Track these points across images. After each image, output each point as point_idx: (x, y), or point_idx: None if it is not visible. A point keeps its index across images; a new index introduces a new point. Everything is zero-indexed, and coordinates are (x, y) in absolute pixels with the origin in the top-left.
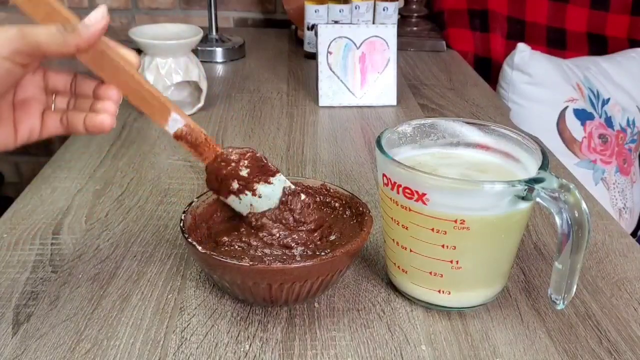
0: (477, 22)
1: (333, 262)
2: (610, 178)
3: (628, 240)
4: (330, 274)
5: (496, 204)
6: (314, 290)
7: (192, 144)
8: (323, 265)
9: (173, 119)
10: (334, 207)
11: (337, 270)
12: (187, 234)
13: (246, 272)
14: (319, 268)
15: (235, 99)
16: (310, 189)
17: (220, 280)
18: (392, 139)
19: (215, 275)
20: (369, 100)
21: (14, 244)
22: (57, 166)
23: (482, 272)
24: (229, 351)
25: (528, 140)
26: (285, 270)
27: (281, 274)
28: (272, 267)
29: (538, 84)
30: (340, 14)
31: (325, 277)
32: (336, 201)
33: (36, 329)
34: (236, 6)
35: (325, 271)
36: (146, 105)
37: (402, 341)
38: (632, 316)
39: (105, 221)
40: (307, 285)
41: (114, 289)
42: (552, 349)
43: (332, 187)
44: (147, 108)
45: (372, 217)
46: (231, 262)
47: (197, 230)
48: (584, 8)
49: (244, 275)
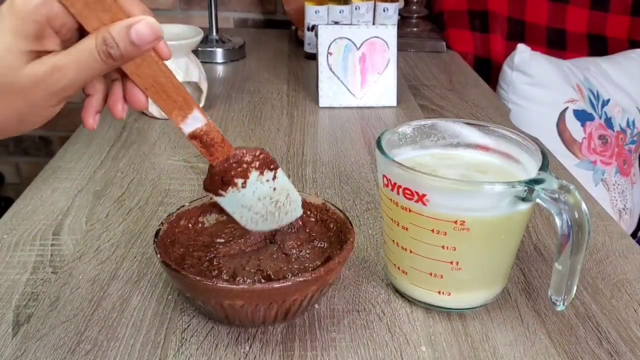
0: (477, 23)
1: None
2: (610, 179)
3: (628, 241)
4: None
5: (496, 205)
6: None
7: (206, 144)
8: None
9: (194, 116)
10: (329, 228)
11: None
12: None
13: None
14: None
15: (235, 99)
16: (312, 206)
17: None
18: (392, 140)
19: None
20: (369, 101)
21: (14, 245)
22: (58, 167)
23: (482, 273)
24: (229, 352)
25: (528, 141)
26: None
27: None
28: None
29: (538, 85)
30: (340, 15)
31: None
32: (332, 222)
33: (36, 330)
34: (236, 7)
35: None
36: (168, 99)
37: (402, 342)
38: (632, 317)
39: (105, 222)
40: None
41: (114, 290)
42: (552, 350)
43: (332, 207)
44: (168, 103)
45: (350, 248)
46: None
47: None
48: (584, 9)
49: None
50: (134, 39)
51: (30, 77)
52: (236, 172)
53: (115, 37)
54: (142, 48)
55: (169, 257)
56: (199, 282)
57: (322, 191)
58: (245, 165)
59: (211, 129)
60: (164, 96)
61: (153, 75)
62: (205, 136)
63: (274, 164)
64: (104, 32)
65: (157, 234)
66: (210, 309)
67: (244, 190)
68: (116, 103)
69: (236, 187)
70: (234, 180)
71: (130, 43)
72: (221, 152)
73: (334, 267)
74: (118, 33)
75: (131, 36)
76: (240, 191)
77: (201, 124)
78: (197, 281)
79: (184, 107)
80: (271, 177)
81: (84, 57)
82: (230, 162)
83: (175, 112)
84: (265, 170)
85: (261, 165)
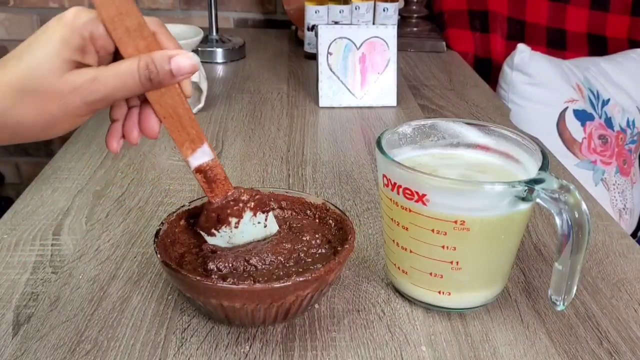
0: (477, 23)
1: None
2: (610, 179)
3: (628, 241)
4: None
5: (496, 205)
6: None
7: (209, 180)
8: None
9: (203, 150)
10: (329, 227)
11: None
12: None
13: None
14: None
15: (235, 99)
16: (312, 206)
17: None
18: (392, 140)
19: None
20: (369, 101)
21: (14, 245)
22: (58, 167)
23: (482, 273)
24: (229, 352)
25: (528, 141)
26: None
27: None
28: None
29: (538, 85)
30: (340, 15)
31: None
32: (332, 221)
33: (36, 330)
34: (236, 7)
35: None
36: (182, 131)
37: (402, 342)
38: (632, 317)
39: (105, 222)
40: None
41: (114, 290)
42: (552, 350)
43: (332, 207)
44: (182, 134)
45: (350, 248)
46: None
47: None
48: (584, 9)
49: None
50: (173, 69)
51: (69, 84)
52: (232, 211)
53: (157, 64)
54: (177, 78)
55: (169, 257)
56: (199, 282)
57: (322, 191)
58: (241, 204)
59: (216, 165)
60: (179, 127)
61: (174, 105)
62: (210, 172)
63: (267, 206)
64: (147, 57)
65: (157, 234)
66: (210, 309)
67: (235, 231)
68: (132, 129)
69: (229, 227)
70: (229, 219)
71: (169, 71)
72: (221, 189)
73: (334, 267)
74: (160, 61)
75: (171, 65)
76: (233, 231)
77: (208, 158)
78: (197, 281)
79: (196, 140)
80: (263, 220)
81: (124, 75)
82: (227, 200)
83: (186, 144)
84: (258, 212)
85: (256, 206)
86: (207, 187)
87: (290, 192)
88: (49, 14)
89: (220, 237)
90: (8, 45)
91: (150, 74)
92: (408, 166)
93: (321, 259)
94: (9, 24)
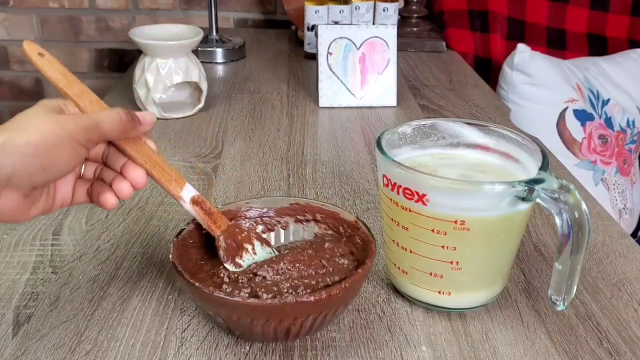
0: (477, 23)
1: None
2: (610, 179)
3: (628, 241)
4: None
5: (496, 205)
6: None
7: (207, 212)
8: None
9: (188, 188)
10: (356, 243)
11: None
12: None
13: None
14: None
15: (235, 99)
16: (345, 223)
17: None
18: (392, 140)
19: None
20: (369, 101)
21: (14, 245)
22: None
23: (482, 273)
24: (229, 352)
25: (528, 140)
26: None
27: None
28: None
29: (538, 85)
30: (340, 15)
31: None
32: (359, 239)
33: (36, 330)
34: (236, 7)
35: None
36: (165, 175)
37: (402, 342)
38: (632, 317)
39: (105, 222)
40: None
41: (114, 290)
42: (552, 349)
43: (362, 226)
44: (166, 177)
45: (366, 270)
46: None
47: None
48: (584, 8)
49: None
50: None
51: (66, 116)
52: (242, 237)
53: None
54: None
55: (188, 258)
56: (210, 295)
57: (322, 191)
58: (245, 232)
59: (205, 200)
60: (160, 170)
61: (149, 154)
62: (204, 204)
63: (267, 242)
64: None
65: (179, 234)
66: (220, 322)
67: (256, 257)
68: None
69: (249, 253)
70: (244, 245)
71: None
72: (221, 220)
73: (337, 293)
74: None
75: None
76: (254, 257)
77: (195, 192)
78: (208, 293)
79: (179, 180)
80: (272, 251)
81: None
82: (233, 227)
83: (173, 183)
84: (264, 244)
85: (259, 238)
86: (209, 219)
87: (325, 206)
88: (49, 14)
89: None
90: (8, 45)
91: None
92: (408, 166)
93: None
94: (9, 24)
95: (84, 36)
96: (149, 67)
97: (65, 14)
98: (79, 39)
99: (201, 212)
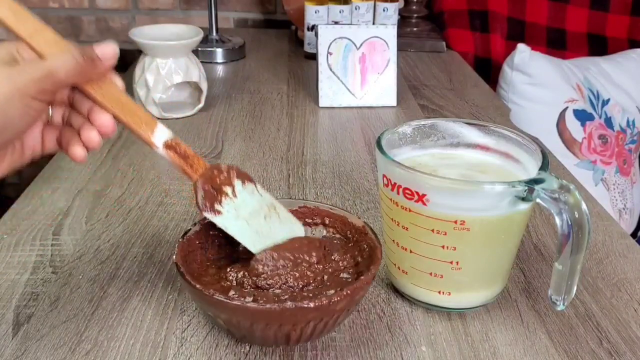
0: (477, 23)
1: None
2: (610, 179)
3: (628, 241)
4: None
5: (496, 205)
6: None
7: (182, 155)
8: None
9: (160, 129)
10: (362, 248)
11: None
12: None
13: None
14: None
15: (235, 99)
16: (353, 227)
17: None
18: (392, 140)
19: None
20: (369, 101)
21: (14, 245)
22: (58, 167)
23: (482, 273)
24: (229, 352)
25: (528, 140)
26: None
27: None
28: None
29: (538, 85)
30: (340, 15)
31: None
32: (366, 245)
33: (36, 330)
34: (236, 7)
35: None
36: (133, 116)
37: (402, 342)
38: (632, 317)
39: (105, 222)
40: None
41: (114, 290)
42: (552, 349)
43: (370, 231)
44: (134, 118)
45: (370, 278)
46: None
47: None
48: (584, 8)
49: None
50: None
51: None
52: (221, 180)
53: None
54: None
55: (193, 259)
56: (211, 297)
57: (322, 191)
58: (225, 172)
59: (179, 141)
60: (129, 113)
61: (116, 95)
62: (178, 147)
63: (249, 177)
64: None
65: (185, 235)
66: (221, 324)
67: (237, 200)
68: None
69: (229, 197)
70: (223, 188)
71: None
72: (198, 163)
73: (343, 297)
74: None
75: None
76: (234, 201)
77: (169, 135)
78: (208, 296)
79: (150, 122)
80: (254, 189)
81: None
82: (211, 170)
83: (143, 126)
84: (246, 181)
85: (239, 176)
86: (184, 163)
87: (334, 210)
88: (49, 14)
89: (228, 213)
90: None
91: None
92: (408, 166)
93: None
94: None
95: (84, 36)
96: (149, 67)
97: (65, 14)
98: (79, 39)
99: (176, 156)
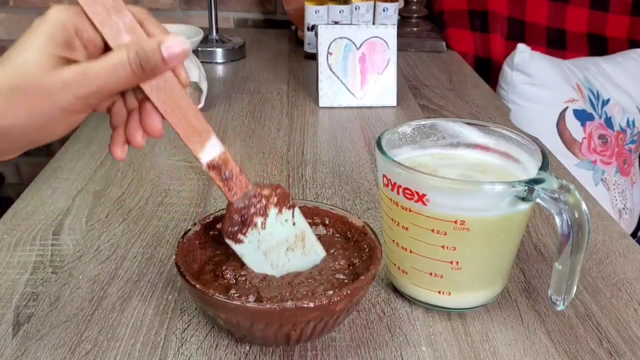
0: (477, 23)
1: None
2: (610, 179)
3: (628, 241)
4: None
5: (496, 205)
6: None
7: (224, 177)
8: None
9: (212, 143)
10: (362, 248)
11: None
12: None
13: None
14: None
15: (235, 99)
16: (353, 227)
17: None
18: (392, 140)
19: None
20: (369, 101)
21: (14, 245)
22: (58, 167)
23: (482, 273)
24: (229, 352)
25: (528, 140)
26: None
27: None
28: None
29: (538, 85)
30: (340, 15)
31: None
32: (366, 245)
33: (36, 330)
34: (236, 7)
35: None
36: (186, 124)
37: (402, 342)
38: (632, 317)
39: (105, 222)
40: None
41: (114, 290)
42: (552, 349)
43: (370, 231)
44: (187, 128)
45: (370, 278)
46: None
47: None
48: (584, 8)
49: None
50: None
51: (58, 79)
52: (256, 209)
53: (147, 50)
54: (169, 64)
55: (193, 259)
56: (211, 297)
57: (322, 191)
58: (264, 200)
59: (228, 158)
60: (183, 121)
61: (174, 97)
62: (224, 166)
63: (290, 202)
64: (135, 45)
65: (185, 235)
66: (221, 323)
67: (263, 232)
68: (135, 132)
69: (256, 229)
70: (254, 219)
71: (161, 58)
72: (239, 185)
73: (342, 297)
74: (150, 47)
75: (162, 51)
76: (261, 232)
77: (219, 151)
78: (209, 296)
79: (203, 133)
80: (290, 217)
81: (115, 66)
82: (249, 197)
83: (194, 138)
84: (284, 208)
85: (280, 201)
86: (223, 186)
87: (334, 210)
88: None
89: (249, 243)
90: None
91: (141, 61)
92: (408, 166)
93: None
94: (9, 24)
95: None
96: None
97: None
98: None
99: (217, 177)
